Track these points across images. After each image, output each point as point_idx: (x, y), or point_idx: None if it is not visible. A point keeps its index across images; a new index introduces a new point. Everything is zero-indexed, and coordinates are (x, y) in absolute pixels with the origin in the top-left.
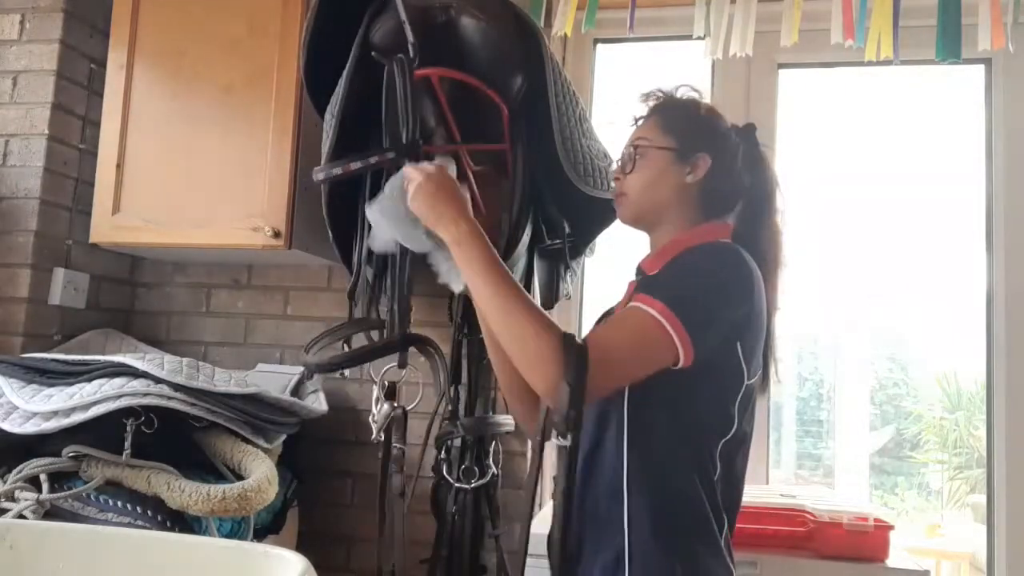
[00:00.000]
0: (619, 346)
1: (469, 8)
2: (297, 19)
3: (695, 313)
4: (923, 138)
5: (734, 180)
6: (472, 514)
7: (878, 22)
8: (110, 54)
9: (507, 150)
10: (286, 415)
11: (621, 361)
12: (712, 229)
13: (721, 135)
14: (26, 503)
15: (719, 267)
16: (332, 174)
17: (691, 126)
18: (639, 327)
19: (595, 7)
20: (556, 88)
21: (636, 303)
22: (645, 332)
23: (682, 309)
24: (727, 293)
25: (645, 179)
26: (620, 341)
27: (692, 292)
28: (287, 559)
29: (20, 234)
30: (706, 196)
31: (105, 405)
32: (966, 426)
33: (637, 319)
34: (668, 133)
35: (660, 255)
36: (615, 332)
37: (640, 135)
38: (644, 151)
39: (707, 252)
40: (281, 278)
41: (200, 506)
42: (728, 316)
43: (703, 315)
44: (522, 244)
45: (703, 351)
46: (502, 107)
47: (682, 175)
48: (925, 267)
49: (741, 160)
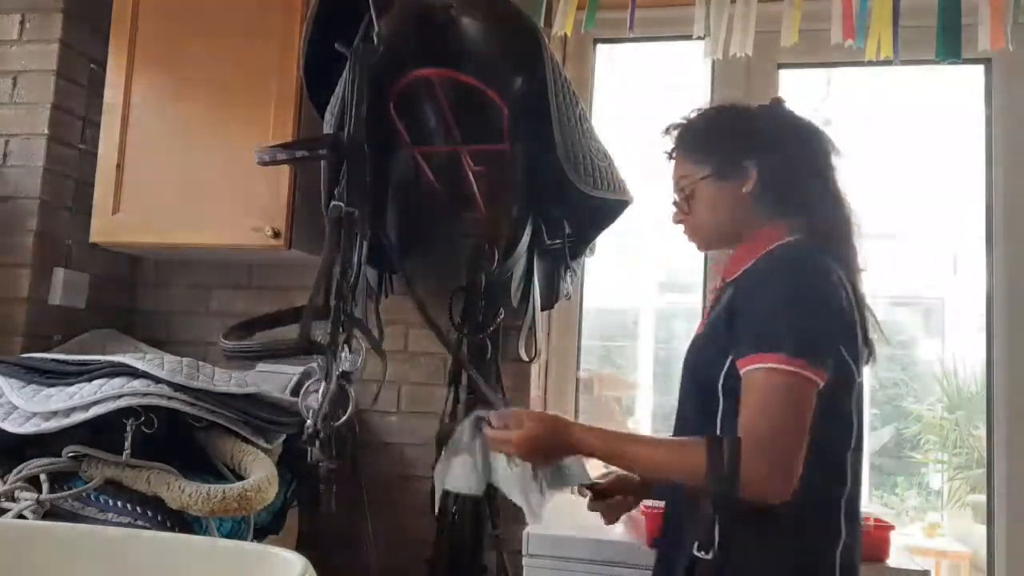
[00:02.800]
0: (780, 428)
1: (469, 8)
2: (297, 19)
3: (810, 344)
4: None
5: (785, 167)
6: (472, 514)
7: (878, 22)
8: (110, 54)
9: (507, 150)
10: (286, 415)
11: (789, 439)
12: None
13: (756, 132)
14: (26, 503)
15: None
16: (276, 158)
17: (721, 141)
18: (794, 397)
19: (595, 7)
20: (556, 88)
21: (759, 365)
22: (800, 396)
23: (802, 348)
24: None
25: (705, 213)
26: (776, 423)
27: (797, 326)
28: (287, 559)
29: (20, 234)
30: (768, 197)
31: (105, 405)
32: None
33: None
34: (702, 161)
35: (735, 262)
36: (766, 420)
37: (679, 173)
38: (690, 188)
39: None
40: (281, 278)
41: (200, 506)
42: (831, 332)
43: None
44: (522, 244)
45: (828, 375)
46: (502, 107)
47: (736, 189)
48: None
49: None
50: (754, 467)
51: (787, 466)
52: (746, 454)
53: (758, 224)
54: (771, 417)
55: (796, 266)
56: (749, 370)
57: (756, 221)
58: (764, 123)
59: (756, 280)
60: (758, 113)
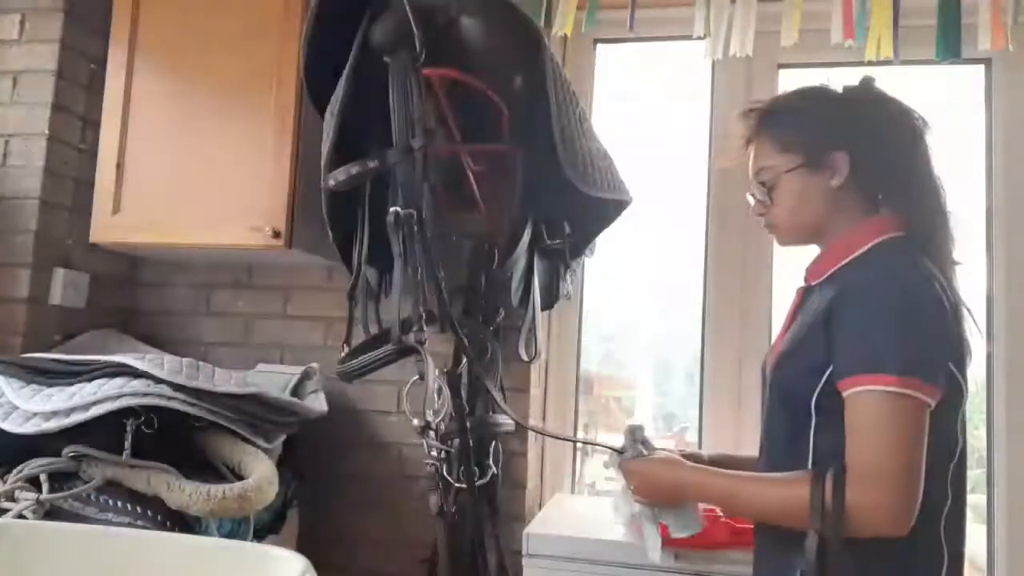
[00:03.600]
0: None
1: (469, 8)
2: (297, 19)
3: (921, 362)
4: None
5: (877, 155)
6: (472, 514)
7: (878, 22)
8: (110, 54)
9: (507, 150)
10: (286, 415)
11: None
12: (871, 228)
13: (845, 120)
14: (26, 503)
15: (906, 304)
16: (340, 180)
17: (810, 129)
18: (908, 422)
19: (595, 7)
20: (556, 88)
21: (867, 387)
22: (915, 419)
23: (912, 365)
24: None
25: (789, 205)
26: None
27: (907, 343)
28: (287, 559)
29: (20, 234)
30: (859, 189)
31: (105, 405)
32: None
33: (885, 408)
34: (788, 149)
35: (821, 263)
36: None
37: (761, 164)
38: (774, 180)
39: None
40: (281, 278)
41: (200, 506)
42: (939, 348)
43: (927, 359)
44: (522, 244)
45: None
46: (502, 107)
47: (825, 183)
48: None
49: (875, 128)
50: (872, 499)
51: (909, 496)
52: (861, 485)
53: (848, 220)
54: (887, 444)
55: (901, 275)
56: (856, 392)
57: (846, 216)
58: (856, 108)
59: (857, 290)
60: (849, 96)
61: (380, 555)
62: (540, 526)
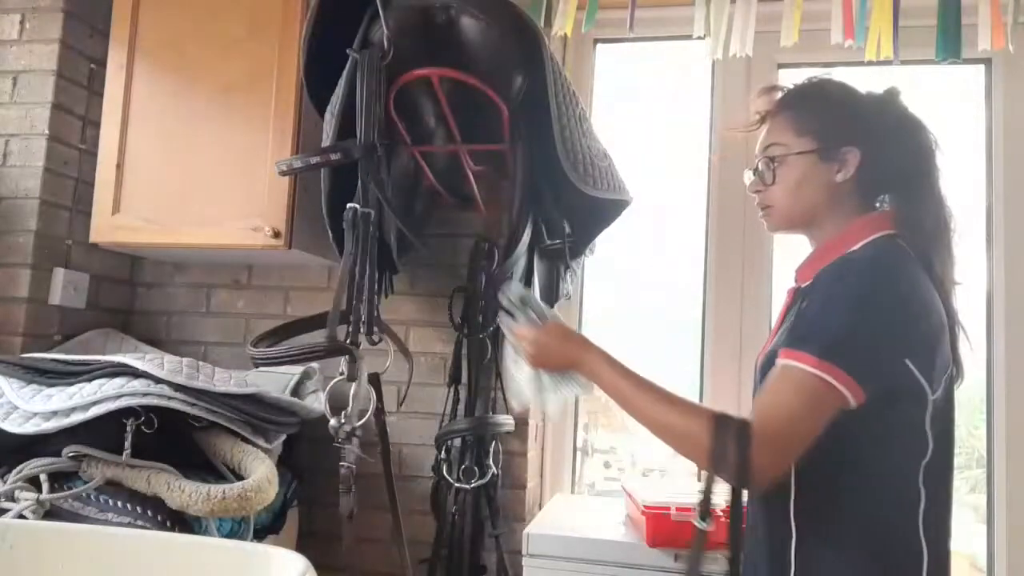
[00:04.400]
0: (783, 417)
1: (469, 8)
2: (297, 19)
3: (855, 355)
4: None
5: (888, 162)
6: (472, 514)
7: (878, 22)
8: (110, 54)
9: (507, 150)
10: (286, 415)
11: (789, 435)
12: (866, 225)
13: (865, 119)
14: (26, 503)
15: (872, 291)
16: (293, 167)
17: (830, 119)
18: (798, 391)
19: (595, 7)
20: (556, 88)
21: (786, 360)
22: (806, 394)
23: (839, 355)
24: (887, 320)
25: (789, 188)
26: (781, 413)
27: (846, 331)
28: (287, 559)
29: (20, 234)
30: (861, 190)
31: (105, 405)
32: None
33: (793, 382)
34: (804, 133)
35: (813, 262)
36: (773, 406)
37: (773, 140)
38: (782, 159)
39: (857, 274)
40: (281, 278)
41: (200, 506)
42: (893, 343)
43: (864, 354)
44: (522, 244)
45: (875, 387)
46: (502, 107)
47: (830, 175)
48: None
49: (891, 136)
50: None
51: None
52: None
53: (842, 217)
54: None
55: (878, 278)
56: (781, 363)
57: (841, 213)
58: (878, 111)
59: (828, 275)
60: (873, 99)
61: (380, 555)
62: (540, 526)
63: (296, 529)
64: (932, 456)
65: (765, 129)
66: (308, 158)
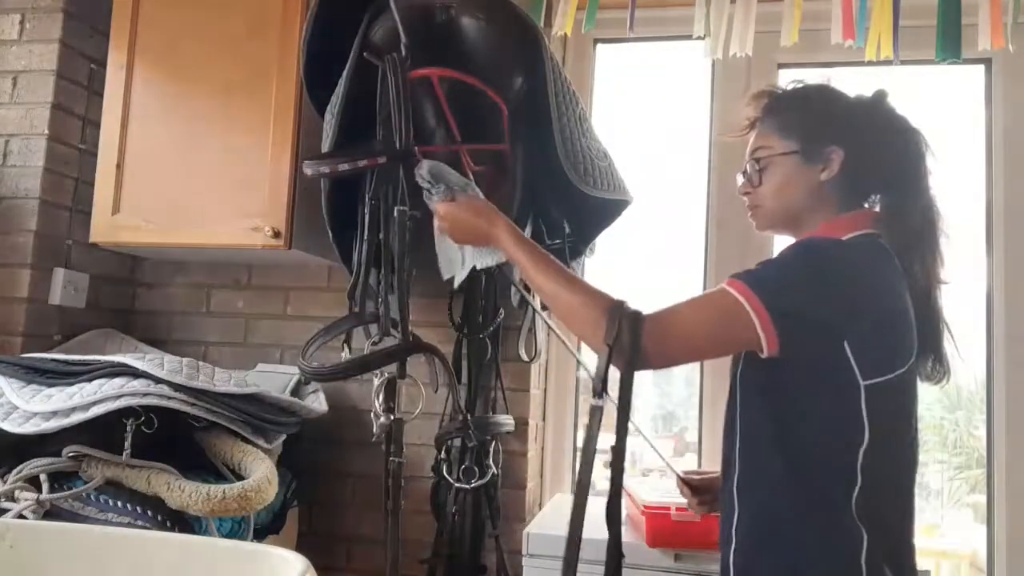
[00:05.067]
0: (689, 319)
1: (469, 8)
2: (297, 19)
3: (779, 298)
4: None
5: (873, 162)
6: (472, 514)
7: (878, 22)
8: (110, 54)
9: (507, 150)
10: (286, 415)
11: (689, 335)
12: (848, 222)
13: (849, 120)
14: (26, 503)
15: (818, 261)
16: (320, 172)
17: (812, 121)
18: (714, 303)
19: (595, 7)
20: (556, 88)
21: (721, 285)
22: (720, 308)
23: (763, 291)
24: (821, 286)
25: (775, 188)
26: (690, 314)
27: (779, 277)
28: (287, 559)
29: (20, 234)
30: (845, 189)
31: (105, 405)
32: (966, 426)
33: (714, 296)
34: (789, 135)
35: None
36: (687, 306)
37: (759, 143)
38: (767, 161)
39: (810, 245)
40: (281, 278)
41: (200, 506)
42: (821, 310)
43: (788, 302)
44: None
45: (791, 341)
46: (502, 107)
47: (815, 175)
48: None
49: (877, 137)
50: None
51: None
52: (653, 319)
53: (826, 216)
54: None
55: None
56: None
57: (825, 212)
58: (862, 112)
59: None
60: (857, 101)
61: (380, 555)
62: (540, 526)
63: (296, 529)
64: (870, 443)
65: (754, 134)
66: (336, 164)
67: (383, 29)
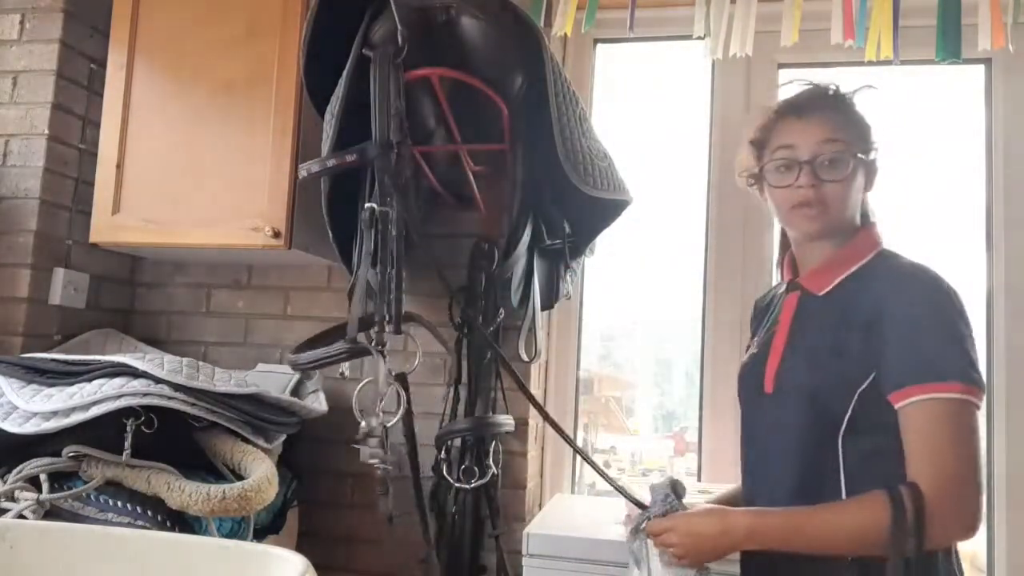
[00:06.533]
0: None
1: (469, 8)
2: (297, 19)
3: (971, 364)
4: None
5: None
6: (472, 514)
7: (878, 22)
8: (110, 54)
9: (507, 150)
10: (286, 415)
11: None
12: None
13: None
14: (26, 503)
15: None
16: (311, 171)
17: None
18: (962, 424)
19: (595, 7)
20: (556, 88)
21: (930, 395)
22: (969, 423)
23: (968, 371)
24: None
25: (845, 191)
26: (962, 455)
27: (960, 348)
28: (287, 559)
29: (20, 234)
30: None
31: (105, 405)
32: None
33: (952, 417)
34: (855, 139)
35: (824, 271)
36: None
37: (828, 135)
38: (842, 158)
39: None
40: (281, 278)
41: (200, 506)
42: (973, 348)
43: (974, 364)
44: (522, 244)
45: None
46: (502, 107)
47: (862, 188)
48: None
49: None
50: (948, 509)
51: (978, 498)
52: (940, 496)
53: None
54: (959, 452)
55: (941, 283)
56: (920, 400)
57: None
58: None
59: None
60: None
61: (380, 555)
62: (540, 526)
63: (296, 529)
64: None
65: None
66: (325, 161)
67: (383, 29)
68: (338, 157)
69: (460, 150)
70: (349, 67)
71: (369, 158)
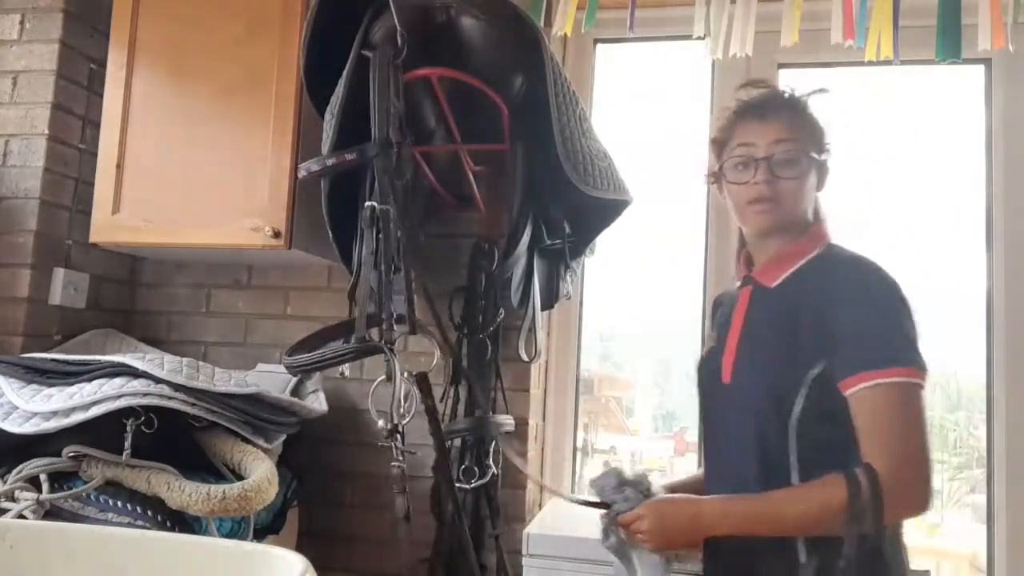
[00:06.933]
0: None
1: (469, 8)
2: (297, 19)
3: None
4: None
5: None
6: (472, 514)
7: (878, 22)
8: (110, 54)
9: (507, 150)
10: (286, 415)
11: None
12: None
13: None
14: (26, 503)
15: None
16: (310, 170)
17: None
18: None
19: (595, 7)
20: (556, 88)
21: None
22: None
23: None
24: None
25: (798, 188)
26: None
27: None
28: (287, 559)
29: (20, 234)
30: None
31: (105, 405)
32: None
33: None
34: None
35: (775, 265)
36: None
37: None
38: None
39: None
40: (281, 278)
41: (200, 506)
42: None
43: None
44: (522, 244)
45: None
46: (502, 107)
47: (814, 187)
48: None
49: None
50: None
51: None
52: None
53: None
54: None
55: (879, 276)
56: (868, 387)
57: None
58: None
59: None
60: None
61: (380, 555)
62: (540, 526)
63: (296, 529)
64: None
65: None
66: (325, 160)
67: (383, 29)
68: (338, 156)
69: (460, 150)
70: (349, 67)
71: (369, 157)
